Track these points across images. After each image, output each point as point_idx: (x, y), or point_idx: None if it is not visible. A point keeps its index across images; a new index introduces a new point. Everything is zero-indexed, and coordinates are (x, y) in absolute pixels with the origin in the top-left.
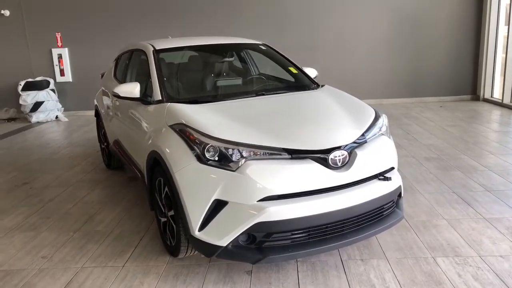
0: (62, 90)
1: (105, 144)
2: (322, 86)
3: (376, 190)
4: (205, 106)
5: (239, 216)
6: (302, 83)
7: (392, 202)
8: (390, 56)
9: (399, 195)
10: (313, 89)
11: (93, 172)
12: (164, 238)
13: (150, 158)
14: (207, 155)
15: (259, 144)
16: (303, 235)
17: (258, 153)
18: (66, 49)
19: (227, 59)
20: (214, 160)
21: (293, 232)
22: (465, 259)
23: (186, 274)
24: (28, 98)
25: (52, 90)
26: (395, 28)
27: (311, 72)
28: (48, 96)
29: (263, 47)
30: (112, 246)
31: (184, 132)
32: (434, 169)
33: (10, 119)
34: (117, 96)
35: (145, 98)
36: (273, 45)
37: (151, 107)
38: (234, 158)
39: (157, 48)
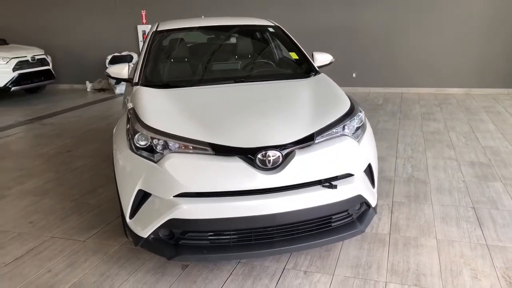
0: None
1: None
2: (318, 74)
3: (318, 198)
4: (168, 91)
5: (158, 210)
6: (298, 71)
7: (346, 213)
8: (482, 38)
9: (368, 207)
10: (306, 77)
11: None
12: None
13: None
14: (137, 143)
15: (185, 136)
16: (224, 237)
17: (189, 147)
18: (150, 26)
19: (227, 41)
20: (145, 149)
21: (211, 234)
22: None
23: (128, 258)
24: None
25: None
26: (490, 5)
27: (324, 58)
28: None
29: (271, 29)
30: (90, 220)
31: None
32: (471, 177)
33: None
34: (109, 76)
35: (132, 79)
36: (346, 24)
37: (133, 89)
38: (158, 149)
39: (160, 28)
